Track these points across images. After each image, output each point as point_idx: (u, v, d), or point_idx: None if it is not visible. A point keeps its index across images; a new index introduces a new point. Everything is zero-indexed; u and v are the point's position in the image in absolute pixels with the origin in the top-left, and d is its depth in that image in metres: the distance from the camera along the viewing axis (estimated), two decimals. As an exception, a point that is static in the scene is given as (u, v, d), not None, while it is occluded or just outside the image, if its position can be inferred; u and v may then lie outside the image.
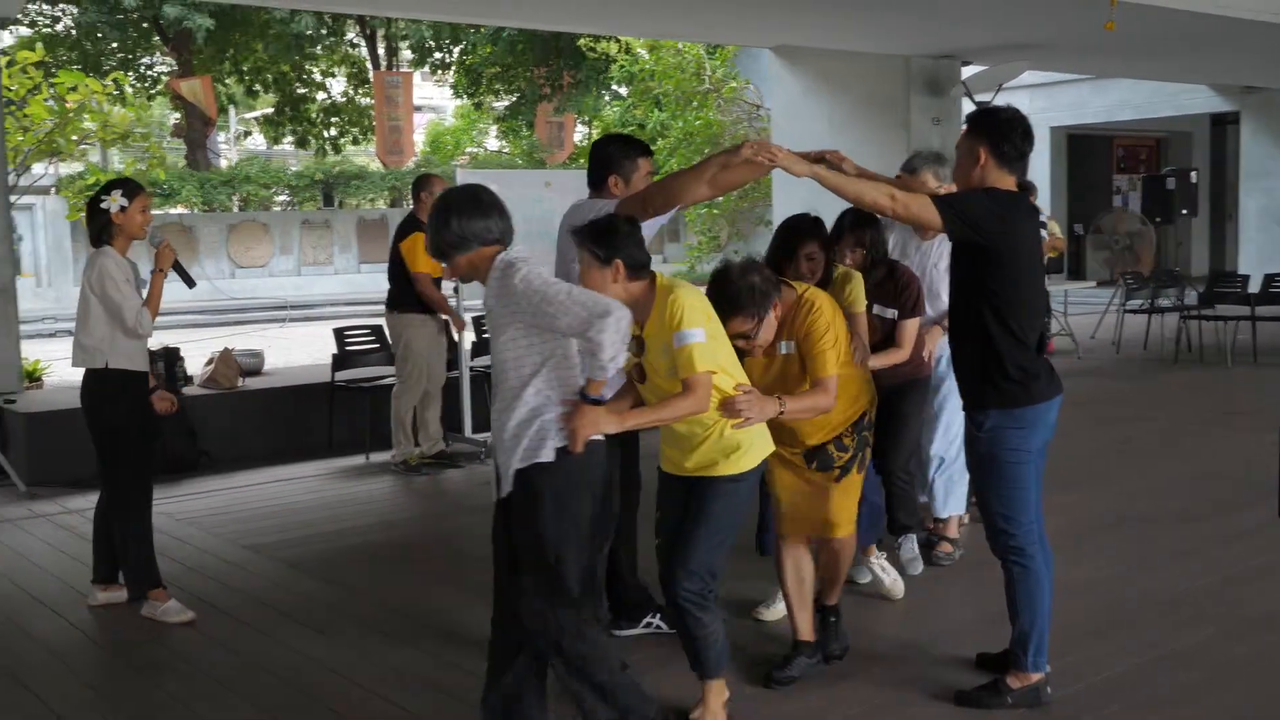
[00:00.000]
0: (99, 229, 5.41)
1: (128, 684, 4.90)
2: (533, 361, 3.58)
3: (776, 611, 5.11)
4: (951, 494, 6.03)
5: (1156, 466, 8.23)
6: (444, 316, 8.51)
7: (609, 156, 4.81)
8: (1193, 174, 16.12)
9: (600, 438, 3.64)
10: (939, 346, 5.67)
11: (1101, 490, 7.53)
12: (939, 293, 5.61)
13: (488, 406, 4.07)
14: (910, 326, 5.32)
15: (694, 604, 3.95)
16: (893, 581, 5.39)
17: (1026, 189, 5.60)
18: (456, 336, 8.85)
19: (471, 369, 9.15)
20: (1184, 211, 15.84)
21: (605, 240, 3.83)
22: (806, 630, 4.57)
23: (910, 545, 5.73)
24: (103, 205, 5.36)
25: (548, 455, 3.55)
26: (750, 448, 4.00)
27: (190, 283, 5.86)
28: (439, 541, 6.97)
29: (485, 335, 9.93)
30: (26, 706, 4.58)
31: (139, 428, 5.53)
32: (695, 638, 4.02)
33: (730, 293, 4.07)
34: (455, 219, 3.65)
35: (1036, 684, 4.28)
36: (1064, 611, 4.83)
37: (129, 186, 5.44)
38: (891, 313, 5.31)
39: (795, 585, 4.58)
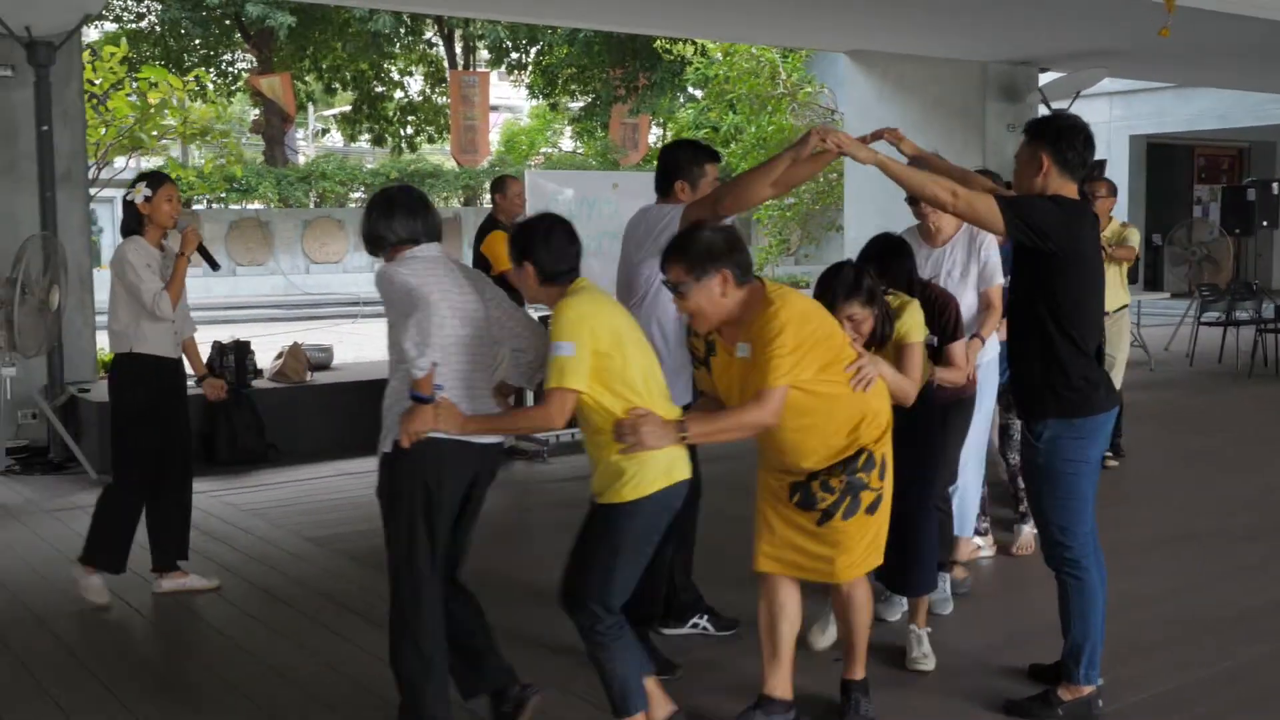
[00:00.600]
0: (128, 221, 5.60)
1: (186, 669, 4.99)
2: (395, 356, 3.75)
3: (829, 636, 4.88)
4: (963, 516, 5.68)
5: (1225, 481, 8.09)
6: None
7: (677, 162, 4.79)
8: (1274, 185, 15.83)
9: (447, 436, 3.67)
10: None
11: (1168, 503, 7.44)
12: None
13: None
14: (958, 349, 4.86)
15: (584, 636, 3.75)
16: (924, 655, 4.71)
17: (1087, 195, 5.49)
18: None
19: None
20: (1264, 223, 15.56)
21: (518, 243, 3.83)
22: (778, 687, 4.12)
23: (942, 584, 5.27)
24: (128, 198, 5.56)
25: (386, 446, 3.74)
26: (635, 477, 3.64)
27: (214, 265, 6.13)
28: (498, 538, 7.00)
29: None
30: (89, 690, 4.68)
31: (159, 415, 5.66)
32: (598, 672, 3.78)
33: (681, 239, 3.84)
34: (367, 222, 3.89)
35: (1088, 696, 4.23)
36: (1123, 625, 4.79)
37: (154, 178, 5.60)
38: (931, 338, 4.80)
39: (768, 627, 4.14)
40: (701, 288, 3.71)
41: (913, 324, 4.47)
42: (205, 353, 7.18)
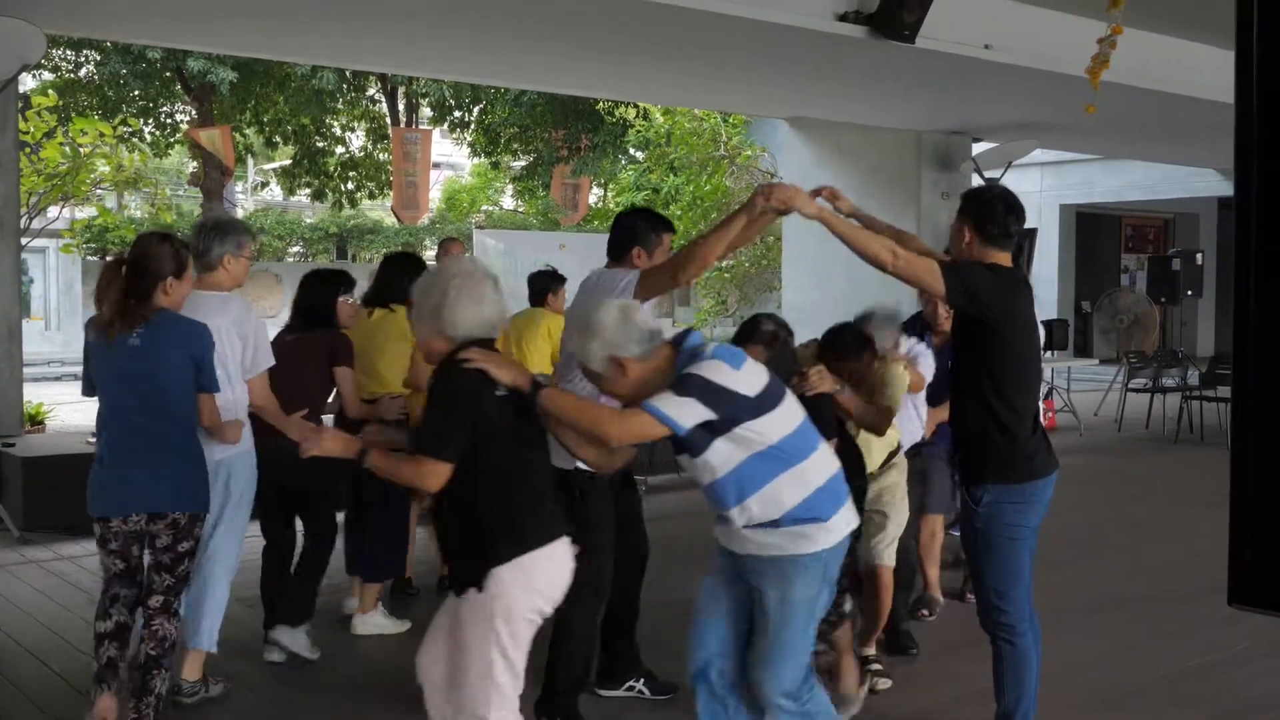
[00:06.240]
0: None
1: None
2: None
3: None
4: None
5: (1152, 546, 8.20)
6: None
7: (635, 230, 4.79)
8: (1198, 255, 16.19)
9: None
10: None
11: (1096, 569, 7.51)
12: None
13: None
14: None
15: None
16: None
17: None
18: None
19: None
20: (1189, 292, 15.90)
21: None
22: None
23: None
24: None
25: None
26: None
27: None
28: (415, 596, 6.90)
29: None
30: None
31: None
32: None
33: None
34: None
35: (1018, 762, 4.25)
36: (1054, 691, 4.80)
37: None
38: None
39: None
40: None
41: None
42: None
